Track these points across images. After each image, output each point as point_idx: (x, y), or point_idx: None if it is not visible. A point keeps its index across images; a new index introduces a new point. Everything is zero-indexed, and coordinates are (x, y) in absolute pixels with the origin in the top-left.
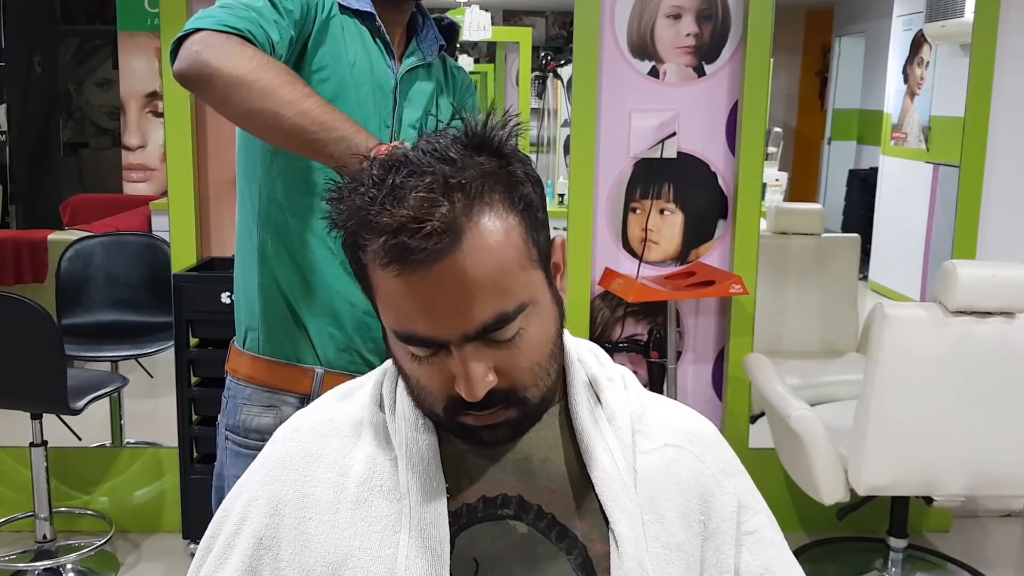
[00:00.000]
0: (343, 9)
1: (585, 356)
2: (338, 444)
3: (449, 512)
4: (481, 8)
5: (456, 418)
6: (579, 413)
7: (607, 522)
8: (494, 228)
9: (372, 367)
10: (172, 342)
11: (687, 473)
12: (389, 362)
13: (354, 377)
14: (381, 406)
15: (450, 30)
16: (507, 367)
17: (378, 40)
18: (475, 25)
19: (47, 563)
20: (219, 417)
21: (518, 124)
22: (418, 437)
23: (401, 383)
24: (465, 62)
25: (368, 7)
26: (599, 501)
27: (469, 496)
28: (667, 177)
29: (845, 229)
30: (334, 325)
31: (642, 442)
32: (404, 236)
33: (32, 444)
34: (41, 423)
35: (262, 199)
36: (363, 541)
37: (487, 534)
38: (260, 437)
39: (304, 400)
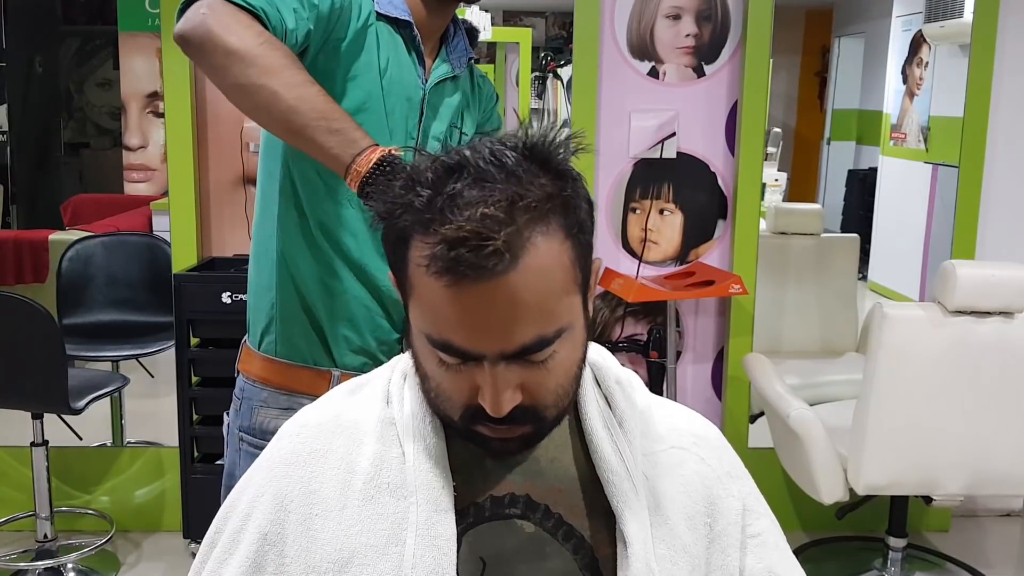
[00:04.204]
0: (379, 16)
1: (594, 358)
2: (345, 441)
3: (456, 511)
4: (481, 8)
5: (471, 427)
6: (588, 414)
7: (614, 523)
8: (549, 252)
9: None
10: (173, 342)
11: (693, 476)
12: (397, 358)
13: None
14: (389, 403)
15: (470, 35)
16: (533, 386)
17: (412, 50)
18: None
19: (48, 562)
20: (228, 416)
21: (582, 144)
22: (426, 435)
23: (409, 381)
24: None
25: (406, 15)
26: (607, 502)
27: (477, 495)
28: (667, 177)
29: (844, 229)
30: (350, 328)
31: (649, 444)
32: (464, 250)
33: (33, 444)
34: (42, 423)
35: (283, 203)
36: (370, 539)
37: (494, 533)
38: None
39: None
